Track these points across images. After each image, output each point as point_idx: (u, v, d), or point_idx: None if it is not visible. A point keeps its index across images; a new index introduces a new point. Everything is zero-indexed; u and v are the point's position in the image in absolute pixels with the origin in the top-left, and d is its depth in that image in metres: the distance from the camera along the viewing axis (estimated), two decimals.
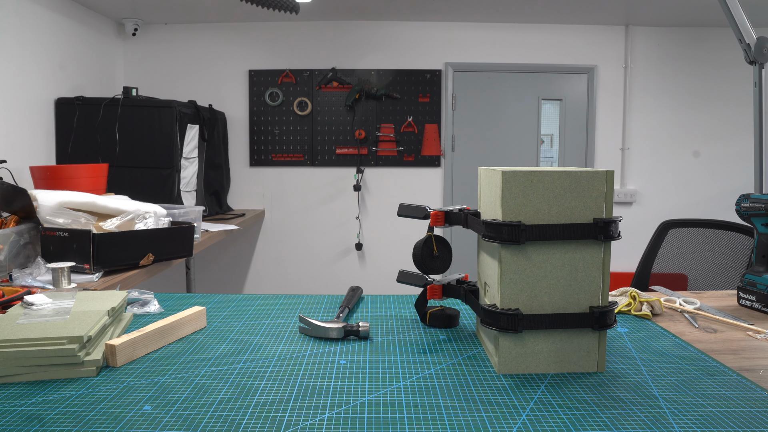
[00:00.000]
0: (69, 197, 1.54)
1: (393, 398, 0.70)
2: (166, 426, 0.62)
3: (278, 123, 3.60)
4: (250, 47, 3.59)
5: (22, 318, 0.84)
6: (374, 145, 3.61)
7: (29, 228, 1.49)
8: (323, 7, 3.24)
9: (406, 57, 3.59)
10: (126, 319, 0.97)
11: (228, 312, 1.07)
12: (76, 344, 0.76)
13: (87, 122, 2.77)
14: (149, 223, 1.64)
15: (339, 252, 3.69)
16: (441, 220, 0.95)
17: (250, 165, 3.64)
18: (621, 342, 0.91)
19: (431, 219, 0.96)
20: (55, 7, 2.80)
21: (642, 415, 0.66)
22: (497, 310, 0.76)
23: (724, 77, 3.83)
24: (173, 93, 3.48)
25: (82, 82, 3.04)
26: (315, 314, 1.05)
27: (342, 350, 0.87)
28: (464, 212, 0.92)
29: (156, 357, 0.84)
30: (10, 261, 1.39)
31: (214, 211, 3.28)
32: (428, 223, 1.20)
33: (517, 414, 0.66)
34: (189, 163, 2.95)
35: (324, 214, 3.67)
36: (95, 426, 0.62)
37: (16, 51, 2.51)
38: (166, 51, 3.57)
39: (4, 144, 2.43)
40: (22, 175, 2.43)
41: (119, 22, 3.46)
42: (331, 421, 0.64)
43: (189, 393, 0.71)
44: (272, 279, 3.71)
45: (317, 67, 3.58)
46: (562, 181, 0.76)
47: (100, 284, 1.40)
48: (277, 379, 0.76)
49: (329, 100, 3.59)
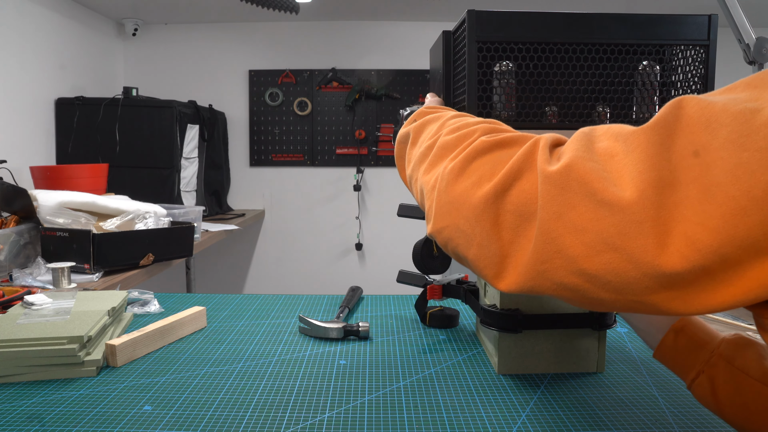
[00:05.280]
0: (69, 197, 1.54)
1: (393, 398, 0.70)
2: (166, 426, 0.62)
3: (278, 123, 3.60)
4: (250, 47, 3.59)
5: (22, 318, 0.84)
6: (374, 145, 3.61)
7: (29, 228, 1.49)
8: (323, 7, 3.24)
9: (406, 57, 3.59)
10: (126, 319, 0.97)
11: (228, 312, 1.08)
12: (76, 344, 0.76)
13: (87, 122, 2.77)
14: (149, 223, 1.64)
15: (339, 252, 3.69)
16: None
17: (250, 165, 3.64)
18: (621, 342, 0.91)
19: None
20: (56, 7, 2.79)
21: (642, 415, 0.66)
22: (497, 311, 0.76)
23: (724, 77, 3.83)
24: (173, 93, 3.48)
25: (82, 82, 3.04)
26: (315, 314, 1.05)
27: (342, 350, 0.87)
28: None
29: (156, 357, 0.84)
30: (10, 261, 1.39)
31: (214, 211, 3.28)
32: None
33: (517, 414, 0.66)
34: (189, 163, 2.95)
35: (324, 214, 3.67)
36: (95, 426, 0.62)
37: (17, 51, 2.50)
38: (166, 51, 3.57)
39: (4, 144, 2.43)
40: (22, 175, 2.43)
41: (119, 22, 3.46)
42: (331, 421, 0.64)
43: (189, 393, 0.71)
44: (272, 279, 3.71)
45: (317, 67, 3.58)
46: None
47: (100, 284, 1.40)
48: (277, 379, 0.76)
49: (329, 100, 3.59)
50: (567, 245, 0.39)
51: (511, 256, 0.45)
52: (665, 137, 0.36)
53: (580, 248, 0.39)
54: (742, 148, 0.32)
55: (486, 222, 0.46)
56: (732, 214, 0.31)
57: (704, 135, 0.34)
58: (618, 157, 0.39)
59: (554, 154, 0.45)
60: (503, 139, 0.51)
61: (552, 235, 0.40)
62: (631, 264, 0.36)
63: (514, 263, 0.44)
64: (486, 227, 0.46)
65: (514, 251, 0.44)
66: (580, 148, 0.42)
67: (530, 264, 0.42)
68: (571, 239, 0.39)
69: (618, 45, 0.85)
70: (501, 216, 0.46)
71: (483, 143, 0.51)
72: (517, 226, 0.44)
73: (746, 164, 0.31)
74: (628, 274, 0.36)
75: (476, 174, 0.50)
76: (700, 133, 0.35)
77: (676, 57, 0.89)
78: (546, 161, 0.43)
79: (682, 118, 0.36)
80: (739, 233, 0.31)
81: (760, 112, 0.32)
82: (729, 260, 0.32)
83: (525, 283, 0.44)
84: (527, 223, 0.43)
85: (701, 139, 0.34)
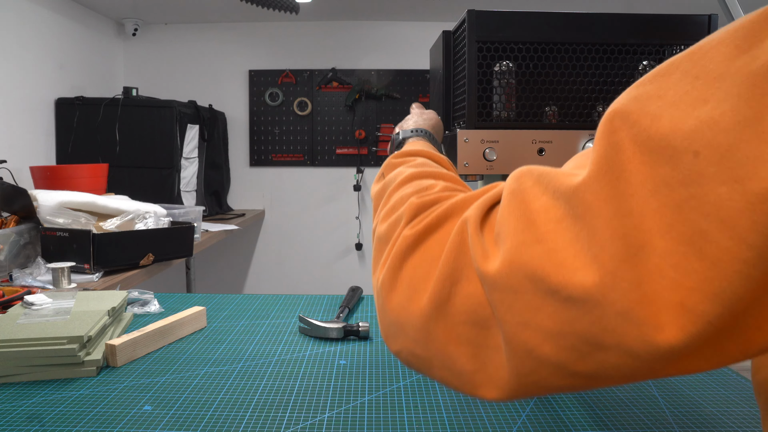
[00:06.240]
0: (69, 197, 1.54)
1: (393, 398, 0.70)
2: (166, 426, 0.62)
3: (278, 123, 3.60)
4: (250, 47, 3.58)
5: (22, 318, 0.84)
6: (374, 145, 3.61)
7: (29, 228, 1.49)
8: (323, 7, 3.24)
9: (406, 57, 3.59)
10: (126, 319, 0.97)
11: (228, 312, 1.08)
12: (76, 344, 0.76)
13: (87, 122, 2.77)
14: (149, 223, 1.64)
15: (339, 252, 3.69)
16: None
17: (250, 165, 3.64)
18: None
19: None
20: (55, 7, 2.79)
21: (642, 415, 0.66)
22: None
23: None
24: (173, 93, 3.48)
25: (82, 82, 3.04)
26: (315, 314, 1.05)
27: (342, 350, 0.87)
28: None
29: (156, 357, 0.84)
30: (10, 261, 1.39)
31: (214, 211, 3.28)
32: None
33: (517, 414, 0.66)
34: (189, 163, 2.95)
35: (324, 214, 3.67)
36: (95, 426, 0.62)
37: (16, 51, 2.50)
38: (166, 51, 3.57)
39: (4, 144, 2.43)
40: (22, 175, 2.43)
41: (119, 22, 3.46)
42: (331, 421, 0.64)
43: (189, 393, 0.71)
44: (272, 279, 3.71)
45: (317, 67, 3.58)
46: None
47: (100, 284, 1.40)
48: (277, 379, 0.76)
49: (329, 100, 3.59)
50: (548, 354, 0.32)
51: (481, 371, 0.37)
52: (615, 183, 0.29)
53: (564, 354, 0.32)
54: (721, 179, 0.25)
55: (438, 342, 0.38)
56: (730, 271, 0.25)
57: (664, 167, 0.27)
58: (564, 223, 0.31)
59: (487, 234, 0.36)
60: (429, 224, 0.41)
61: (526, 347, 0.33)
62: (628, 356, 0.29)
63: (490, 379, 0.36)
64: (440, 347, 0.38)
65: (483, 366, 0.36)
66: (518, 226, 0.33)
67: (512, 379, 0.35)
68: (550, 347, 0.32)
69: (618, 45, 0.85)
70: (453, 330, 0.37)
71: (406, 239, 0.42)
72: (476, 338, 0.36)
73: (729, 200, 0.25)
74: (628, 365, 0.30)
75: (408, 283, 0.40)
76: (655, 166, 0.28)
77: None
78: (482, 255, 0.35)
79: (625, 150, 0.29)
80: (739, 290, 0.25)
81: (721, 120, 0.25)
82: (737, 313, 0.26)
83: (514, 395, 0.36)
84: (486, 331, 0.35)
85: (661, 173, 0.27)
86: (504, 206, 0.35)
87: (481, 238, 0.36)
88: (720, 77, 0.26)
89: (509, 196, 0.35)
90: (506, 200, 0.35)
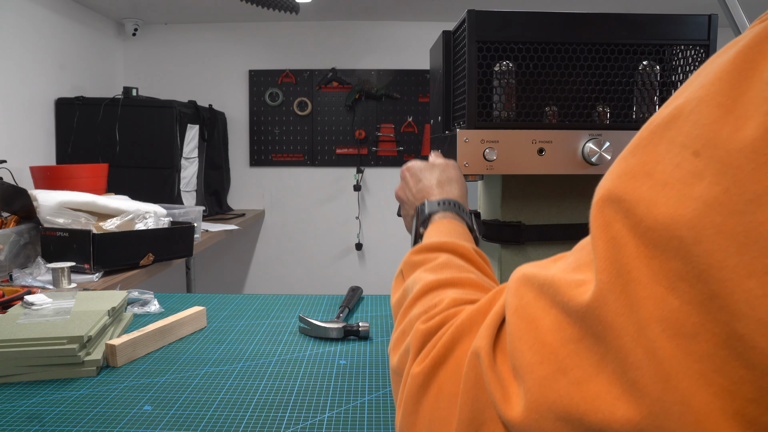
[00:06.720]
0: (69, 197, 1.54)
1: (393, 398, 0.70)
2: (166, 426, 0.62)
3: (278, 123, 3.60)
4: (250, 47, 3.58)
5: (23, 318, 0.84)
6: (374, 145, 3.61)
7: (29, 228, 1.49)
8: (323, 7, 3.24)
9: (406, 57, 3.59)
10: (126, 319, 0.97)
11: (228, 312, 1.07)
12: (76, 344, 0.76)
13: (87, 122, 2.77)
14: (149, 223, 1.64)
15: (339, 252, 3.69)
16: None
17: (250, 165, 3.64)
18: None
19: None
20: (56, 7, 2.79)
21: None
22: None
23: None
24: (173, 93, 3.48)
25: (82, 82, 3.04)
26: (315, 314, 1.05)
27: (342, 350, 0.87)
28: None
29: (156, 357, 0.84)
30: (10, 261, 1.39)
31: (214, 211, 3.28)
32: None
33: None
34: (189, 163, 2.95)
35: (324, 214, 3.67)
36: (95, 426, 0.62)
37: (17, 51, 2.50)
38: (166, 51, 3.57)
39: (4, 144, 2.43)
40: (22, 175, 2.43)
41: (119, 22, 3.46)
42: (331, 421, 0.64)
43: (189, 393, 0.71)
44: (272, 279, 3.71)
45: (317, 67, 3.58)
46: (562, 181, 0.76)
47: (100, 284, 1.40)
48: (277, 379, 0.76)
49: (329, 100, 3.59)
50: None
51: None
52: (626, 288, 0.25)
53: None
54: (747, 272, 0.21)
55: None
56: None
57: (673, 261, 0.24)
58: (584, 343, 0.27)
59: (501, 365, 0.32)
60: (436, 357, 0.38)
61: None
62: None
63: None
64: None
65: None
66: (533, 358, 0.29)
67: None
68: None
69: (618, 45, 0.85)
70: None
71: (416, 379, 0.39)
72: None
73: (764, 296, 0.21)
74: None
75: (428, 430, 0.37)
76: (664, 260, 0.24)
77: (676, 57, 0.89)
78: (502, 397, 0.31)
79: (626, 245, 0.26)
80: None
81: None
82: None
83: None
84: None
85: (673, 268, 0.24)
86: (512, 331, 0.32)
87: (497, 371, 0.32)
88: (709, 144, 0.23)
89: (513, 316, 0.32)
90: (512, 322, 0.32)
